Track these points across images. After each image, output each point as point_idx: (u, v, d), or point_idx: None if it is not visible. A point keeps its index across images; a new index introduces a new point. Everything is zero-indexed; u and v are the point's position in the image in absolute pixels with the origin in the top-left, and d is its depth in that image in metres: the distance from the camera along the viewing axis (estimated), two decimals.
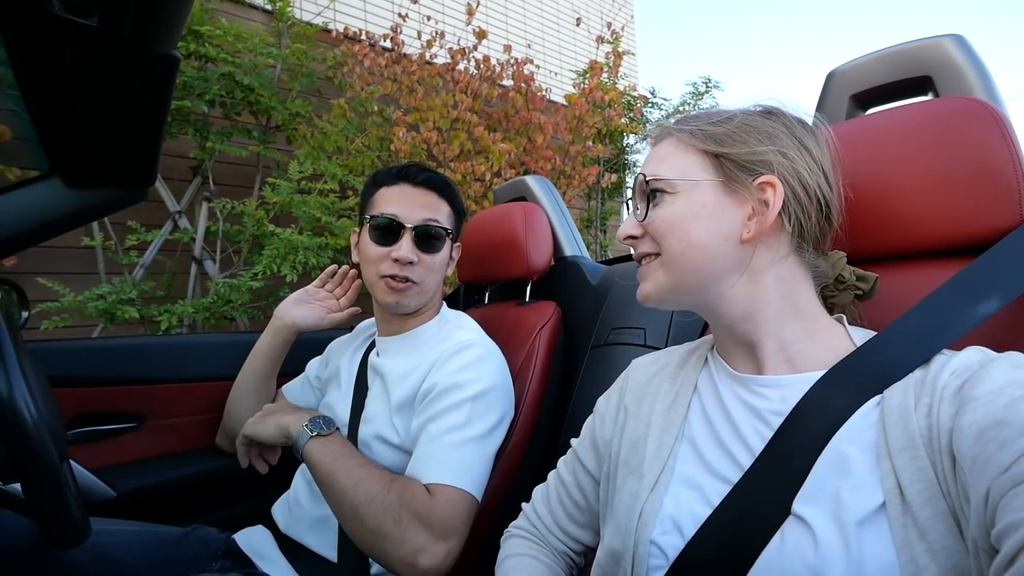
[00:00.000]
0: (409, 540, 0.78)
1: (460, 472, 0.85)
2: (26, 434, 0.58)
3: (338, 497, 0.82)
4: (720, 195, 0.56)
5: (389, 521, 0.78)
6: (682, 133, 0.59)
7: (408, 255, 0.96)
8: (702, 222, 0.56)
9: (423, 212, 0.99)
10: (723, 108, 0.61)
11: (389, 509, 0.79)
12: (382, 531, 0.78)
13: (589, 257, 1.37)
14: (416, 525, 0.79)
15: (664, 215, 0.57)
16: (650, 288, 0.59)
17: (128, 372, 1.20)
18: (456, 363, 0.93)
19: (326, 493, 0.84)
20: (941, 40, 0.72)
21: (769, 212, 0.54)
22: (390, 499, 0.80)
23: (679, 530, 0.52)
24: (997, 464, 0.37)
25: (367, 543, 0.80)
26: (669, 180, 0.57)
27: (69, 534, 0.64)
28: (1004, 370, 0.43)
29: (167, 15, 0.57)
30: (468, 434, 0.89)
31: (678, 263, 0.56)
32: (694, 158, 0.57)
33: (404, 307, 1.00)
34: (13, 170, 1.55)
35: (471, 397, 0.91)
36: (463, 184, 3.00)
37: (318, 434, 0.87)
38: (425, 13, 3.55)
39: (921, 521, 0.41)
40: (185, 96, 2.37)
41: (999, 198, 0.58)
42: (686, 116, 0.61)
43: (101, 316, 2.18)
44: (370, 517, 0.79)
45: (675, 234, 0.56)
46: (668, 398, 0.63)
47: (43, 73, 0.65)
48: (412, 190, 1.01)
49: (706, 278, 0.56)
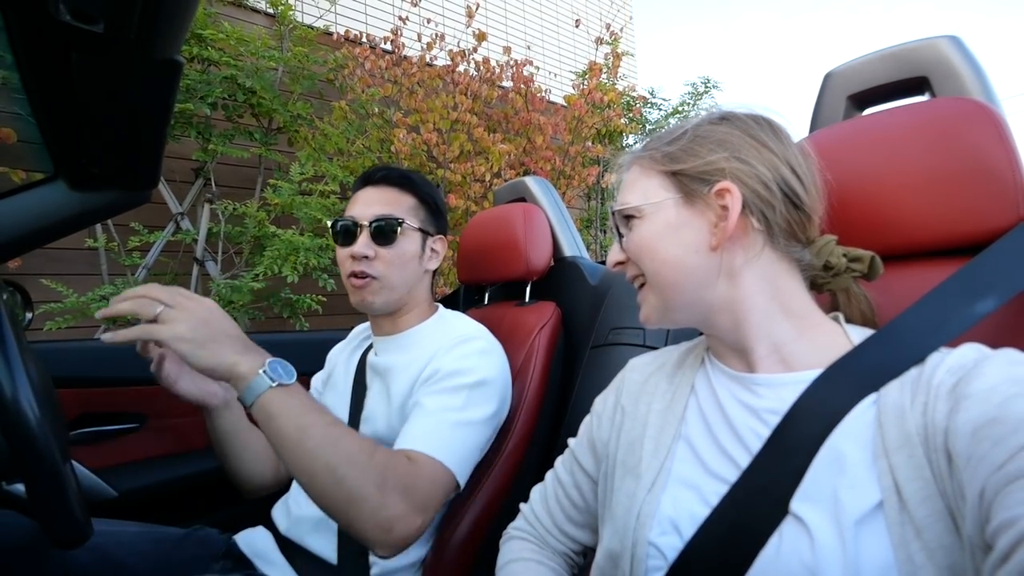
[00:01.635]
0: (389, 506, 0.74)
1: (450, 450, 0.84)
2: (29, 434, 0.59)
3: (309, 454, 0.72)
4: (681, 210, 0.58)
5: (371, 485, 0.73)
6: (642, 159, 0.62)
7: (361, 250, 0.97)
8: (670, 239, 0.58)
9: (378, 208, 1.00)
10: (678, 124, 0.62)
11: (372, 473, 0.74)
12: (362, 494, 0.73)
13: (588, 257, 1.37)
14: (398, 493, 0.75)
15: (635, 239, 0.60)
16: (647, 311, 0.62)
17: (130, 373, 1.20)
18: (459, 351, 0.94)
19: (291, 448, 0.73)
20: (937, 41, 0.72)
21: (730, 216, 0.55)
22: (375, 463, 0.75)
23: (677, 531, 0.52)
24: (991, 462, 0.37)
25: (339, 505, 0.73)
26: (636, 206, 0.60)
27: (71, 534, 0.64)
28: (999, 367, 0.43)
29: (171, 21, 0.58)
30: (464, 416, 0.88)
31: (658, 281, 0.59)
32: (655, 180, 0.60)
33: (370, 304, 0.99)
34: (18, 172, 1.55)
35: (471, 384, 0.91)
36: (463, 185, 3.01)
37: (279, 384, 0.74)
38: (425, 16, 3.56)
39: (918, 520, 0.42)
40: (188, 99, 2.38)
41: (996, 198, 0.58)
42: (647, 141, 0.64)
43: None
44: (350, 478, 0.72)
45: (648, 255, 0.59)
46: (665, 398, 0.63)
47: (48, 77, 0.66)
48: (372, 190, 1.03)
49: (688, 292, 0.58)
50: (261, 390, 0.73)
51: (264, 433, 0.74)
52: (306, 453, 0.72)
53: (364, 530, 0.73)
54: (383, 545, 0.74)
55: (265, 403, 0.73)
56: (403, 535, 0.75)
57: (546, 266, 1.24)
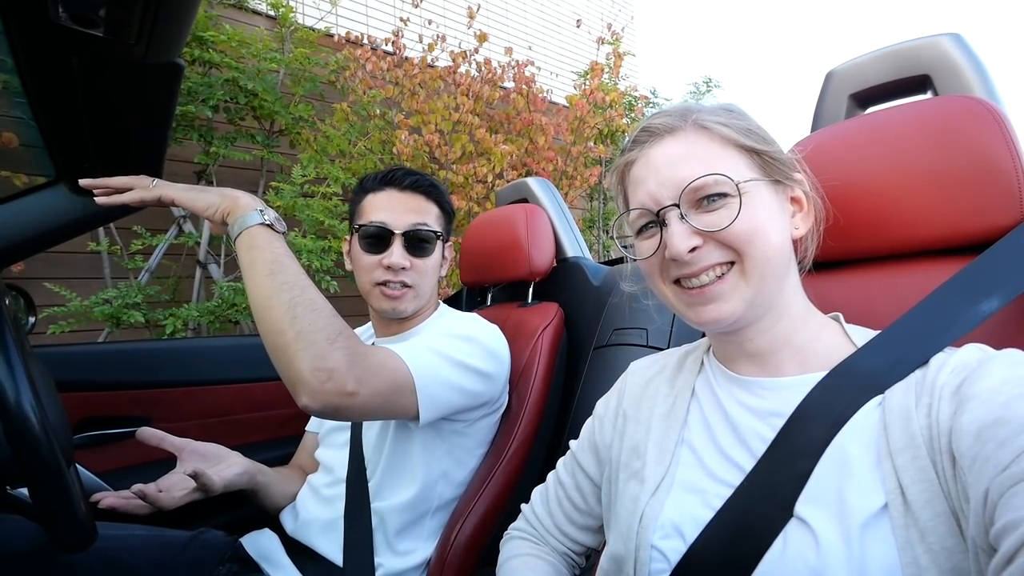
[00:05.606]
0: (331, 359, 0.71)
1: (418, 361, 0.82)
2: (33, 439, 0.59)
3: (275, 288, 0.73)
4: (773, 193, 0.55)
5: (322, 333, 0.71)
6: (710, 128, 0.54)
7: (400, 261, 0.96)
8: (776, 223, 0.53)
9: (411, 217, 0.99)
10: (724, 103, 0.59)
11: (328, 328, 0.72)
12: (311, 338, 0.71)
13: (591, 258, 1.37)
14: (345, 352, 0.72)
15: (747, 218, 0.51)
16: (735, 305, 0.52)
17: (133, 376, 1.21)
18: (460, 323, 0.97)
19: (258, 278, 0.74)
20: (939, 39, 0.72)
21: (806, 204, 0.55)
22: (334, 323, 0.73)
23: (680, 534, 0.52)
24: (996, 463, 0.37)
25: (285, 341, 0.71)
26: (737, 181, 0.52)
27: (76, 538, 0.64)
28: (1003, 368, 0.43)
29: (172, 24, 0.58)
30: (445, 350, 0.87)
31: (764, 270, 0.52)
32: (735, 156, 0.54)
33: (402, 312, 1.00)
34: (20, 177, 1.56)
35: (462, 335, 0.92)
36: (465, 186, 3.01)
37: (271, 226, 0.79)
38: (427, 17, 3.57)
39: (922, 522, 0.41)
40: (189, 101, 2.39)
41: (999, 196, 0.57)
42: (691, 107, 0.56)
43: (107, 320, 2.19)
44: (306, 320, 0.71)
45: (761, 238, 0.51)
46: (667, 402, 0.62)
47: (50, 81, 0.66)
48: (399, 195, 1.00)
49: (778, 285, 0.53)
50: (252, 223, 0.78)
51: (240, 263, 0.78)
52: (273, 285, 0.74)
53: (301, 371, 0.70)
54: (313, 392, 0.70)
55: (253, 234, 0.78)
56: (336, 390, 0.71)
57: (548, 267, 1.24)
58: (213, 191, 0.82)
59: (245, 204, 0.80)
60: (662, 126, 0.56)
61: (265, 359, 0.75)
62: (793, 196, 0.57)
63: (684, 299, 0.55)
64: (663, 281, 0.56)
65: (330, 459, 1.02)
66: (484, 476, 0.97)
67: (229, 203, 0.80)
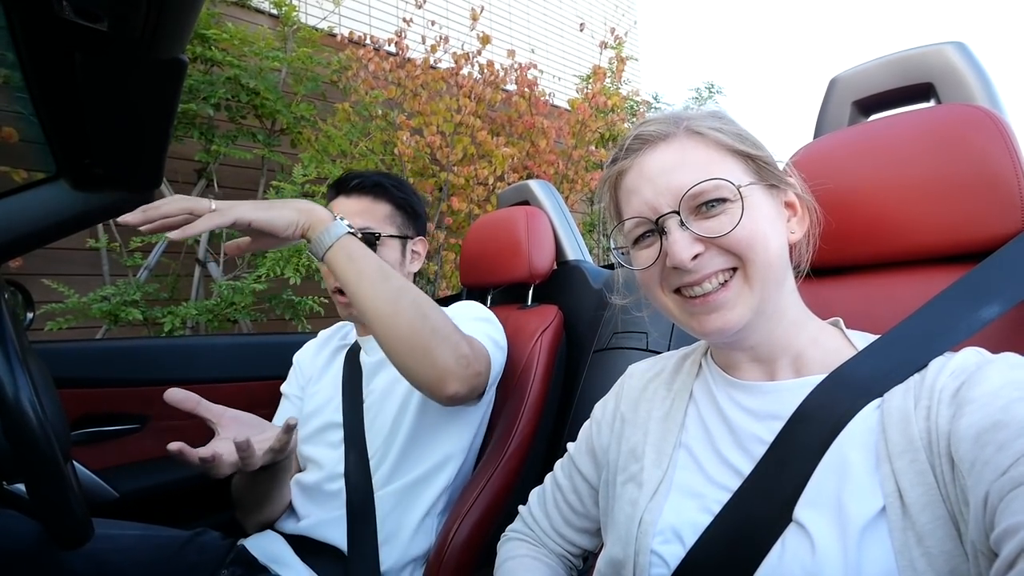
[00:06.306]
0: (463, 346, 0.79)
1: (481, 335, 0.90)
2: (31, 435, 0.59)
3: (395, 290, 0.77)
4: (769, 198, 0.54)
5: (449, 326, 0.79)
6: (702, 134, 0.53)
7: None
8: (775, 228, 0.53)
9: (353, 220, 0.98)
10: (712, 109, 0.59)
11: (447, 318, 0.80)
12: (444, 332, 0.77)
13: (591, 261, 1.38)
14: (464, 340, 0.81)
15: (748, 224, 0.51)
16: (742, 312, 0.51)
17: (131, 373, 1.20)
18: (466, 307, 1.00)
19: (375, 285, 0.77)
20: (943, 47, 0.72)
21: (800, 209, 0.55)
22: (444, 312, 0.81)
23: (680, 539, 0.52)
24: (995, 467, 0.37)
25: (422, 338, 0.76)
26: (735, 187, 0.51)
27: (72, 534, 0.64)
28: (1001, 371, 0.43)
29: (176, 20, 0.58)
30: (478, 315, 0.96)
31: (766, 276, 0.51)
32: (730, 160, 0.53)
33: (357, 319, 1.00)
34: (20, 172, 1.56)
35: (483, 319, 0.97)
36: (466, 188, 3.01)
37: (354, 233, 0.83)
38: (429, 18, 3.57)
39: (920, 526, 0.41)
40: (191, 99, 2.38)
41: (1001, 205, 0.58)
42: (681, 114, 0.56)
43: (105, 318, 2.18)
44: (434, 316, 0.77)
45: (762, 243, 0.51)
46: (665, 405, 0.62)
47: (52, 76, 0.66)
48: (345, 201, 1.01)
49: (776, 290, 0.53)
50: (342, 232, 0.78)
51: (340, 276, 0.78)
52: (392, 289, 0.77)
53: (447, 364, 0.77)
54: (461, 379, 0.78)
55: (347, 243, 0.78)
56: (475, 372, 0.79)
57: (549, 269, 1.24)
58: (284, 206, 0.80)
59: (322, 216, 0.81)
60: (654, 133, 0.54)
61: (263, 358, 0.75)
62: (787, 201, 0.57)
63: (687, 309, 0.54)
64: (663, 291, 0.55)
65: (322, 456, 1.01)
66: (482, 477, 0.97)
67: (306, 218, 0.80)
